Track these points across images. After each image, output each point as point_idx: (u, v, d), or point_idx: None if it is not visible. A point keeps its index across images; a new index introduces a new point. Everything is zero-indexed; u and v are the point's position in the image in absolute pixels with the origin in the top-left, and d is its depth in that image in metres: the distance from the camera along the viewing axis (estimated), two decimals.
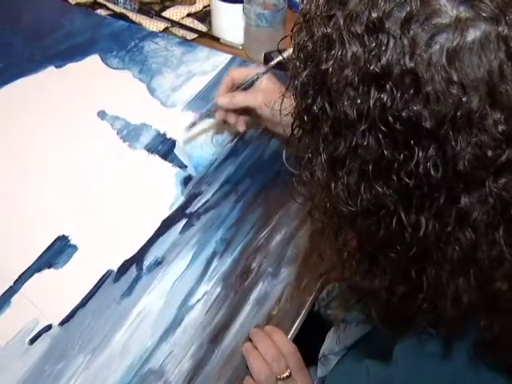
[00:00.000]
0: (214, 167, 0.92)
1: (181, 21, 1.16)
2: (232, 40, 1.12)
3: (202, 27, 1.16)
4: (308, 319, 0.79)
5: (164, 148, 0.93)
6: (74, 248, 0.81)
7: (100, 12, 1.18)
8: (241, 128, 0.89)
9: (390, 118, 0.39)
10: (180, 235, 0.83)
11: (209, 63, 1.07)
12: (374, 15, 0.38)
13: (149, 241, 0.82)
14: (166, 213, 0.85)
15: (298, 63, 0.45)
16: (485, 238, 0.40)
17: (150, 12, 1.16)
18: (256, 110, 0.84)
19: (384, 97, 0.38)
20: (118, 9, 1.17)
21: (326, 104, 0.42)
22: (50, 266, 0.79)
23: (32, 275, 0.78)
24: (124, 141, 0.94)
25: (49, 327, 0.73)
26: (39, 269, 0.78)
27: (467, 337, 0.47)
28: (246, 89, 0.85)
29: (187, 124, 0.93)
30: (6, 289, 0.76)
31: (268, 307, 0.78)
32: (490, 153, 0.37)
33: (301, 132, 0.48)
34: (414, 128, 0.38)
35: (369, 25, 0.39)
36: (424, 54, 0.37)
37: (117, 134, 0.95)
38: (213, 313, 0.76)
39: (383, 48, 0.38)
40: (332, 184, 0.44)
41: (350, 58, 0.40)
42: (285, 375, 0.71)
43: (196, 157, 0.93)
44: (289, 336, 0.76)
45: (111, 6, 1.18)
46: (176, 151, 0.93)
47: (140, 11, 1.17)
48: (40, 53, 1.07)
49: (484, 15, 0.37)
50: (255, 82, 0.85)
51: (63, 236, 0.82)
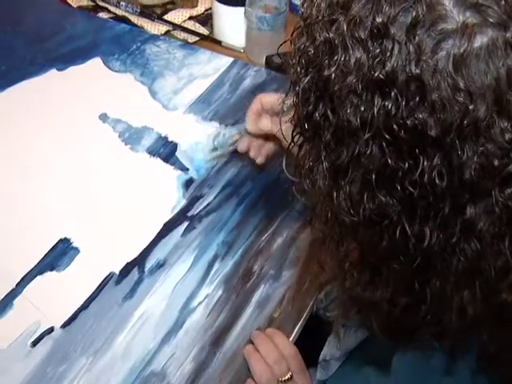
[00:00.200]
0: (216, 170, 0.92)
1: (182, 24, 1.16)
2: (233, 43, 1.12)
3: (204, 30, 1.16)
4: (307, 321, 0.79)
5: (165, 151, 0.94)
6: (76, 250, 0.81)
7: (102, 15, 1.18)
8: (260, 160, 0.85)
9: (395, 126, 0.38)
10: (182, 238, 0.83)
11: (210, 66, 1.08)
12: (379, 20, 0.38)
13: (151, 243, 0.82)
14: (168, 215, 0.86)
15: (299, 69, 0.43)
16: (490, 249, 0.40)
17: (152, 15, 1.17)
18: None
19: (388, 104, 0.38)
20: (120, 12, 1.18)
21: (329, 111, 0.41)
22: (52, 269, 0.79)
23: (34, 278, 0.78)
24: (126, 144, 0.95)
25: (51, 330, 0.73)
26: (41, 271, 0.79)
27: (470, 351, 0.46)
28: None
29: (210, 147, 0.90)
30: (9, 291, 0.76)
31: (269, 310, 0.78)
32: (497, 162, 0.37)
33: (302, 139, 0.47)
34: (419, 136, 0.37)
35: (373, 30, 0.38)
36: (430, 61, 0.36)
37: (118, 137, 0.95)
38: (214, 315, 0.76)
39: (388, 54, 0.37)
40: (334, 193, 0.43)
41: (354, 65, 0.39)
42: (286, 378, 0.71)
43: (197, 159, 0.93)
44: (290, 338, 0.76)
45: (113, 9, 1.18)
46: (177, 154, 0.93)
47: (142, 14, 1.17)
48: (42, 56, 1.07)
49: (491, 21, 0.36)
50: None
51: (65, 238, 0.82)
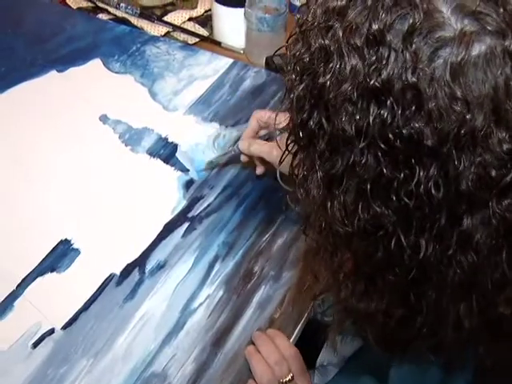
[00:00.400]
0: (216, 171, 0.92)
1: (182, 25, 1.16)
2: (233, 44, 1.12)
3: (204, 31, 1.16)
4: (305, 325, 0.78)
5: (166, 152, 0.94)
6: (77, 252, 0.81)
7: (102, 16, 1.18)
8: (259, 171, 0.87)
9: (390, 136, 0.37)
10: (182, 239, 0.83)
11: (210, 67, 1.08)
12: (375, 27, 0.37)
13: (151, 244, 0.82)
14: (168, 216, 0.86)
15: (294, 76, 0.42)
16: (487, 261, 0.39)
17: (152, 16, 1.17)
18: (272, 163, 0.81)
19: (384, 113, 0.37)
20: (120, 13, 1.18)
21: (323, 119, 0.40)
22: (53, 270, 0.79)
23: (35, 279, 0.78)
24: (126, 145, 0.95)
25: (52, 331, 0.73)
26: (42, 273, 0.79)
27: (467, 364, 0.45)
28: (272, 139, 0.83)
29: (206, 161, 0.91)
30: (9, 293, 0.76)
31: (270, 310, 0.78)
32: (494, 173, 0.36)
33: (296, 147, 0.46)
34: (415, 146, 0.36)
35: (369, 37, 0.37)
36: (427, 69, 0.36)
37: (119, 138, 0.95)
38: (215, 316, 0.76)
39: (384, 62, 0.36)
40: (328, 203, 0.42)
41: (349, 72, 0.38)
42: (287, 379, 0.71)
43: (198, 160, 0.93)
44: (291, 340, 0.76)
45: (113, 11, 1.18)
46: (178, 155, 0.93)
47: (141, 16, 1.17)
48: (42, 57, 1.07)
49: (489, 29, 0.35)
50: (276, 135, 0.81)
51: (66, 240, 0.82)
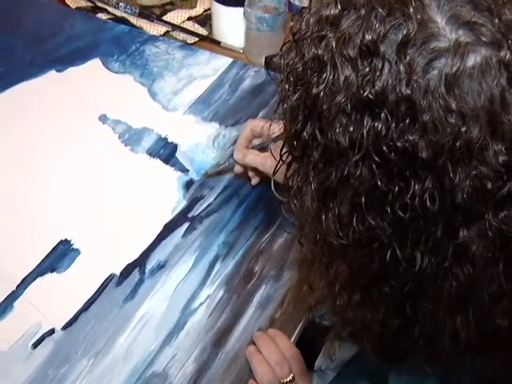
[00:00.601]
0: None
1: (181, 24, 1.16)
2: (233, 44, 1.12)
3: (203, 31, 1.16)
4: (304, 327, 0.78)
5: (166, 152, 0.94)
6: (77, 252, 0.81)
7: (101, 16, 1.18)
8: (254, 182, 0.87)
9: (385, 148, 0.36)
10: (182, 239, 0.83)
11: (209, 67, 1.07)
12: (368, 38, 0.36)
13: (151, 244, 0.82)
14: (169, 217, 0.85)
15: (288, 85, 0.42)
16: (484, 274, 0.38)
17: (151, 16, 1.16)
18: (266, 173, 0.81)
19: (378, 125, 0.36)
20: (119, 13, 1.18)
21: (317, 131, 0.40)
22: (53, 270, 0.79)
23: (35, 279, 0.78)
24: (125, 145, 0.94)
25: (52, 331, 0.73)
26: (42, 273, 0.78)
27: (464, 375, 0.45)
28: (266, 148, 0.83)
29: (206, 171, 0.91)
30: (9, 293, 0.76)
31: (271, 310, 0.78)
32: (490, 185, 0.35)
33: (290, 158, 0.46)
34: (410, 159, 0.36)
35: (362, 48, 0.36)
36: (421, 81, 0.35)
37: (118, 138, 0.95)
38: (216, 316, 0.76)
39: (377, 73, 0.36)
40: (322, 215, 0.41)
41: (343, 83, 0.37)
42: (288, 379, 0.71)
43: (198, 161, 0.93)
44: (291, 340, 0.76)
45: (112, 10, 1.18)
46: (177, 155, 0.93)
47: (141, 15, 1.17)
48: (41, 57, 1.07)
49: (485, 39, 0.35)
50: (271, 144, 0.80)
51: (66, 240, 0.82)
